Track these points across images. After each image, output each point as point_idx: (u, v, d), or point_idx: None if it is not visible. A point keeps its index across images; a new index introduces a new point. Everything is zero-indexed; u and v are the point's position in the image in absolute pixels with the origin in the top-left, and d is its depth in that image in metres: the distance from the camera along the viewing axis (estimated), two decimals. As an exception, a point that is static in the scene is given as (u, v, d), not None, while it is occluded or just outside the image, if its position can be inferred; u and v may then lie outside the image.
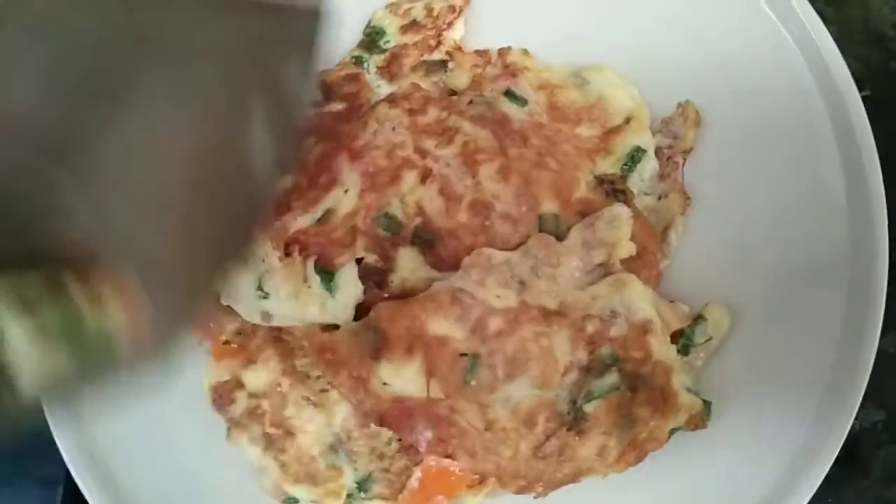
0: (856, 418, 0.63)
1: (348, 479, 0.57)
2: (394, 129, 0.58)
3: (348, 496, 0.57)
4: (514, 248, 0.54)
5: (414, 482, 0.54)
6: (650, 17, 0.62)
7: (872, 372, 0.62)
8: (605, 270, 0.54)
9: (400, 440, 0.56)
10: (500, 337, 0.52)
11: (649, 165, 0.62)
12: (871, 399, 0.63)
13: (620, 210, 0.54)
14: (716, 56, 0.61)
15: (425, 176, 0.56)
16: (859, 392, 0.54)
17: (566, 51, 0.64)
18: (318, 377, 0.59)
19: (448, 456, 0.53)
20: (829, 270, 0.57)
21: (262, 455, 0.58)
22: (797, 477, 0.55)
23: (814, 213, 0.58)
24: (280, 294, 0.57)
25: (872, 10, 0.70)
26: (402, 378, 0.53)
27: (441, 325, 0.53)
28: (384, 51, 0.66)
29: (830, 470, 0.61)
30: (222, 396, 0.60)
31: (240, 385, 0.60)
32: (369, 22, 0.67)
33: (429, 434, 0.53)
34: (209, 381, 0.61)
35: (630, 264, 0.56)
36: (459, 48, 0.65)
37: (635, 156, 0.61)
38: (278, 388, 0.59)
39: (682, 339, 0.56)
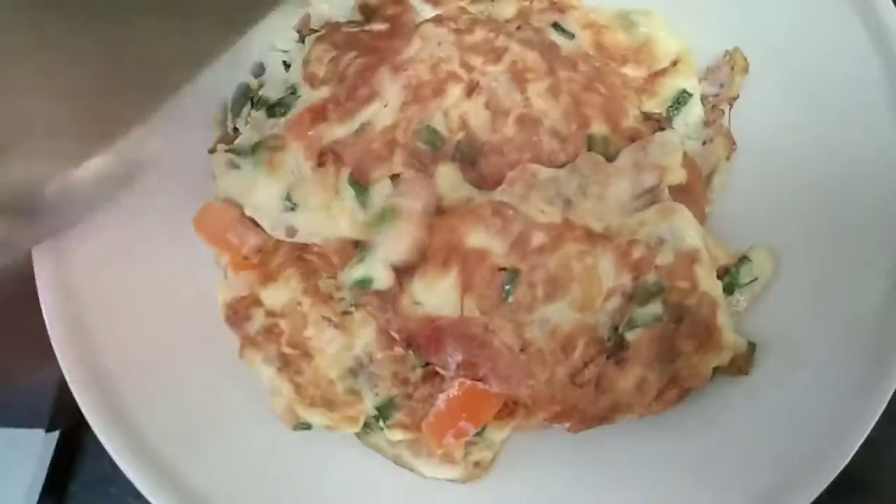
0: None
1: (368, 405, 0.53)
2: (440, 44, 0.56)
3: (365, 425, 0.54)
4: (561, 167, 0.52)
5: (441, 404, 0.50)
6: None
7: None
8: (652, 198, 0.52)
9: (425, 366, 0.53)
10: (541, 253, 0.50)
11: (695, 110, 0.60)
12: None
13: (671, 135, 0.53)
14: (763, 4, 0.60)
15: (471, 89, 0.54)
16: None
17: (614, -6, 0.63)
18: (342, 298, 0.56)
19: (479, 379, 0.50)
20: (874, 221, 0.55)
21: (276, 375, 0.54)
22: (841, 431, 0.51)
23: (860, 161, 0.56)
24: (309, 205, 0.54)
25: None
26: (435, 294, 0.51)
27: (480, 238, 0.50)
28: (429, -21, 0.64)
29: (870, 435, 0.59)
30: (237, 313, 0.56)
31: (257, 302, 0.57)
32: (413, -48, 0.66)
33: (458, 356, 0.50)
34: (223, 298, 0.57)
35: (677, 200, 0.54)
36: (506, -18, 0.64)
37: (681, 98, 0.60)
38: (298, 308, 0.56)
39: (726, 278, 0.54)
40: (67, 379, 0.54)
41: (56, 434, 0.60)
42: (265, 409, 0.55)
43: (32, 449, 0.59)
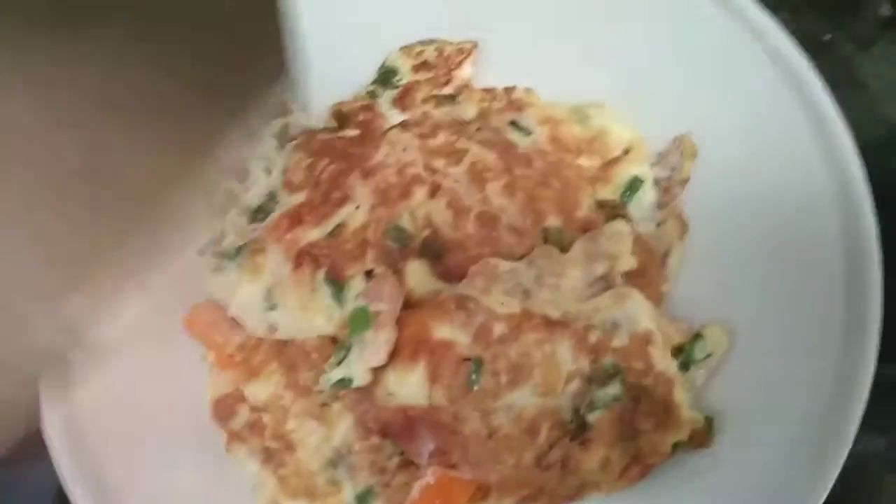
0: (858, 443, 0.63)
1: (347, 494, 0.56)
2: (405, 149, 0.61)
3: (346, 513, 0.56)
4: (519, 259, 0.56)
5: (415, 493, 0.53)
6: (647, 58, 0.66)
7: (876, 400, 0.62)
8: (606, 284, 0.56)
9: (401, 454, 0.56)
10: (503, 342, 0.53)
11: (648, 195, 0.64)
12: (876, 427, 0.63)
13: (622, 225, 0.56)
14: (711, 92, 0.65)
15: (434, 191, 0.58)
16: (858, 410, 0.54)
17: (568, 89, 0.68)
18: (321, 391, 0.59)
19: (451, 466, 0.53)
20: (824, 294, 0.58)
21: (260, 469, 0.57)
22: (802, 496, 0.53)
23: (807, 238, 0.59)
24: (289, 304, 0.58)
25: (853, 64, 0.75)
26: (406, 385, 0.54)
27: (446, 330, 0.54)
28: (397, 87, 0.70)
29: (835, 495, 0.61)
30: (223, 409, 0.59)
31: (241, 398, 0.60)
32: (384, 63, 0.72)
33: (431, 445, 0.53)
34: (211, 394, 0.61)
35: (632, 283, 0.57)
36: (468, 85, 0.69)
37: (634, 184, 0.64)
38: (280, 402, 0.59)
39: (682, 356, 0.57)
40: (66, 481, 0.56)
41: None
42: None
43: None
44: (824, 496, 0.53)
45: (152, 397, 0.61)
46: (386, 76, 0.71)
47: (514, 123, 0.65)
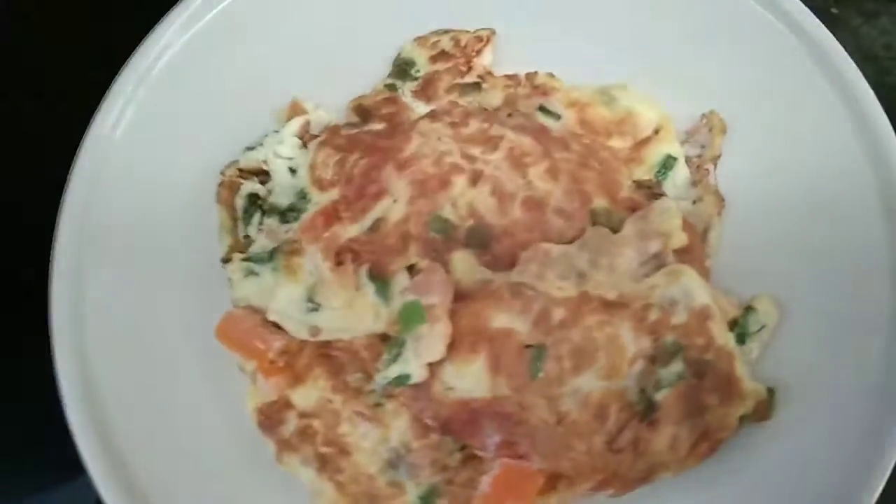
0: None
1: (411, 496, 0.54)
2: (439, 139, 0.59)
3: (410, 516, 0.54)
4: (570, 242, 0.55)
5: (485, 486, 0.51)
6: (668, 35, 0.66)
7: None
8: (658, 262, 0.55)
9: (464, 448, 0.54)
10: (564, 327, 0.52)
11: (681, 172, 0.64)
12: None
13: (670, 202, 0.56)
14: (735, 67, 0.65)
15: (476, 178, 0.57)
16: None
17: (589, 72, 0.67)
18: (372, 391, 0.57)
19: (519, 457, 0.51)
20: (868, 259, 0.58)
21: (316, 477, 0.55)
22: (867, 465, 0.53)
23: (845, 204, 0.60)
24: (333, 304, 0.56)
25: (861, 35, 0.76)
26: (466, 378, 0.52)
27: (504, 319, 0.52)
28: (416, 78, 0.68)
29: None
30: (270, 418, 0.57)
31: (288, 405, 0.57)
32: (399, 54, 0.70)
33: (497, 437, 0.52)
34: (254, 404, 0.58)
35: (680, 261, 0.57)
36: (490, 73, 0.68)
37: (667, 163, 0.64)
38: (330, 405, 0.57)
39: (737, 329, 0.56)
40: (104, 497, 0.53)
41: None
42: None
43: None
44: (891, 465, 0.53)
45: (190, 412, 0.58)
46: (403, 68, 0.69)
47: (542, 108, 0.64)
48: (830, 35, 0.63)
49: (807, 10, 0.64)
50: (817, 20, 0.63)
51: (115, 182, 0.60)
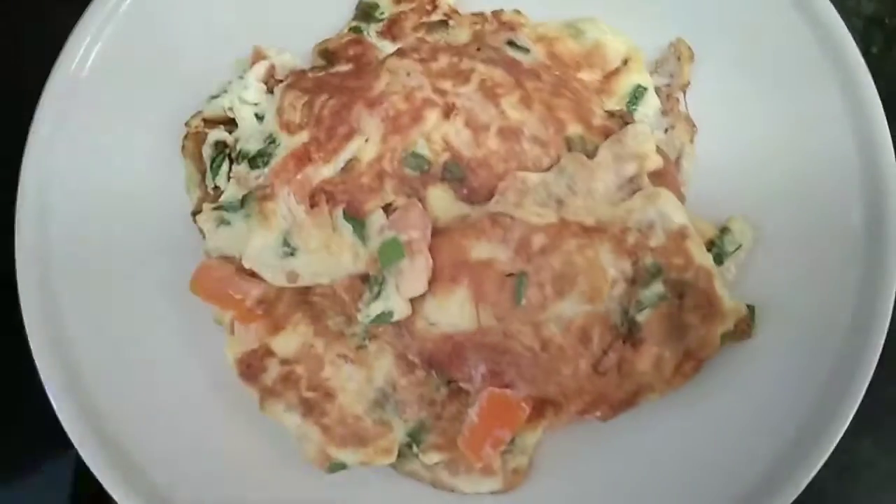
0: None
1: (399, 433, 0.54)
2: (408, 74, 0.58)
3: (399, 454, 0.54)
4: (546, 170, 0.54)
5: (473, 418, 0.51)
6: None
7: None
8: (634, 186, 0.55)
9: (450, 383, 0.54)
10: (544, 254, 0.52)
11: (651, 102, 0.64)
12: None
13: (643, 126, 0.56)
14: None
15: (448, 111, 0.56)
16: (889, 302, 0.55)
17: (556, 7, 0.66)
18: (354, 334, 0.56)
19: (505, 386, 0.51)
20: (840, 185, 0.58)
21: (301, 422, 0.54)
22: (845, 377, 0.54)
23: (814, 128, 0.60)
24: (309, 247, 0.55)
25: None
26: (449, 311, 0.52)
27: (484, 249, 0.52)
28: (380, 20, 0.67)
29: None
30: (251, 367, 0.56)
31: (269, 353, 0.56)
32: (361, -3, 0.68)
33: (482, 368, 0.52)
34: (233, 354, 0.57)
35: (656, 185, 0.57)
36: (455, 11, 0.67)
37: (637, 93, 0.63)
38: (312, 350, 0.56)
39: (714, 250, 0.57)
40: (87, 462, 0.52)
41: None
42: (292, 456, 0.55)
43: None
44: (863, 390, 0.53)
45: (169, 366, 0.57)
46: (367, 10, 0.67)
47: (511, 43, 0.63)
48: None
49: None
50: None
51: (80, 126, 0.58)
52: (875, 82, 0.59)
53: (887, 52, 0.74)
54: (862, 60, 0.60)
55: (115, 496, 0.52)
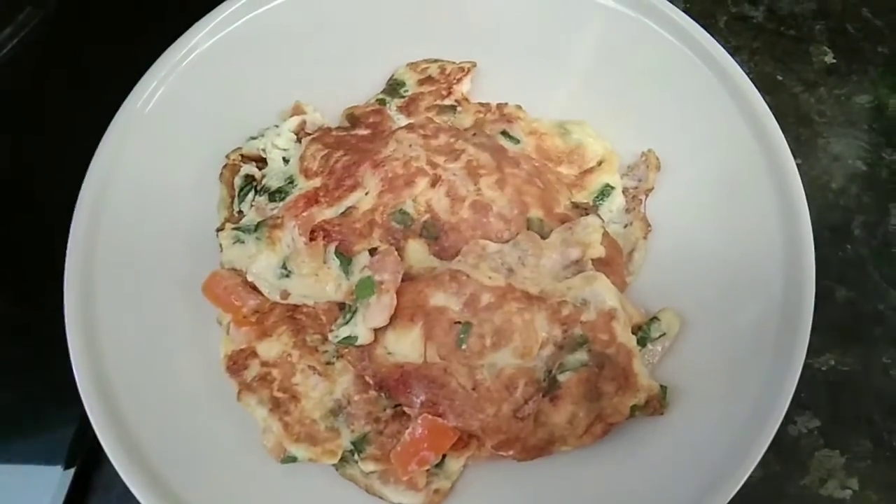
0: (794, 424, 0.72)
1: (345, 440, 0.63)
2: (410, 146, 0.70)
3: (342, 458, 0.63)
4: (505, 242, 0.65)
5: (407, 437, 0.60)
6: (622, 84, 0.77)
7: (810, 386, 0.72)
8: (578, 268, 0.65)
9: (395, 407, 0.63)
10: (489, 310, 0.61)
11: (617, 200, 0.74)
12: (809, 409, 0.72)
13: (594, 219, 0.66)
14: (676, 117, 0.75)
15: (435, 181, 0.67)
16: (788, 394, 0.62)
17: (553, 108, 0.78)
18: (326, 351, 0.67)
19: (438, 415, 0.60)
20: (765, 290, 0.67)
21: (268, 415, 0.64)
22: (740, 458, 0.61)
23: (752, 240, 0.69)
24: (302, 272, 0.66)
25: (800, 101, 0.87)
26: (403, 344, 0.62)
27: (440, 298, 0.62)
28: (403, 96, 0.79)
29: (773, 468, 0.70)
30: (236, 363, 0.67)
31: (253, 354, 0.67)
32: (393, 76, 0.82)
33: (422, 396, 0.61)
34: (225, 350, 0.68)
35: (600, 271, 0.66)
36: (466, 99, 0.79)
37: (605, 191, 0.74)
38: (289, 359, 0.66)
39: (640, 333, 0.65)
40: (91, 419, 0.63)
41: (72, 471, 0.68)
42: (258, 445, 0.65)
43: (50, 484, 0.67)
44: (756, 462, 0.61)
45: (172, 350, 0.68)
46: (394, 87, 0.80)
47: (504, 133, 0.75)
48: (762, 100, 0.72)
49: (747, 79, 0.73)
50: (754, 90, 0.73)
51: (138, 150, 0.72)
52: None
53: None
54: (797, 173, 0.68)
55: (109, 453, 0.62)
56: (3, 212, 0.74)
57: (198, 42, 0.77)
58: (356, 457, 0.63)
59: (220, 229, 0.72)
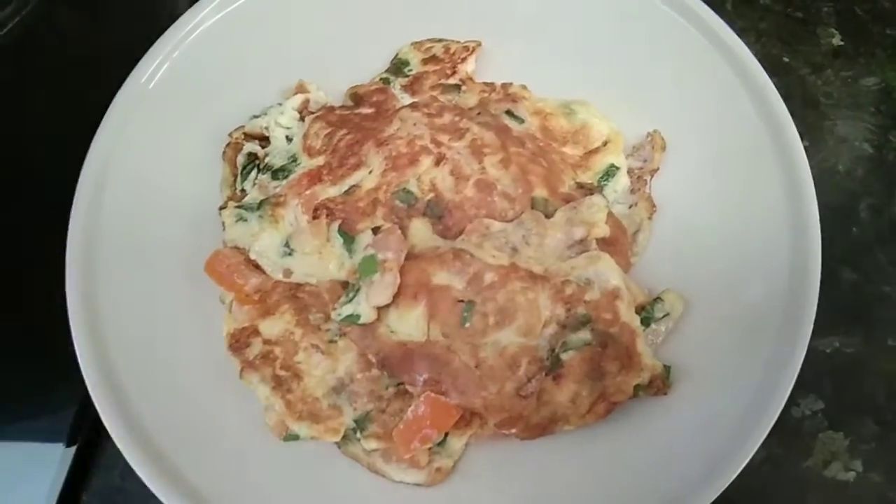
0: (798, 406, 0.72)
1: (347, 418, 0.63)
2: (414, 124, 0.70)
3: (344, 436, 0.63)
4: (509, 222, 0.64)
5: (409, 415, 0.60)
6: (628, 64, 0.76)
7: (814, 367, 0.71)
8: (582, 248, 0.65)
9: (397, 385, 0.63)
10: (492, 289, 0.61)
11: (622, 181, 0.73)
12: (813, 391, 0.72)
13: (599, 198, 0.65)
14: (682, 97, 0.75)
15: (439, 160, 0.67)
16: (791, 377, 0.61)
17: (557, 87, 0.77)
18: (328, 329, 0.66)
19: (441, 393, 0.60)
20: (770, 271, 0.67)
21: (270, 394, 0.64)
22: (738, 443, 0.61)
23: (757, 222, 0.69)
24: (304, 250, 0.66)
25: (807, 83, 0.86)
26: (406, 323, 0.62)
27: (444, 277, 0.62)
28: (407, 76, 0.79)
29: (777, 450, 0.69)
30: (238, 341, 0.67)
31: (255, 332, 0.67)
32: (397, 54, 0.81)
33: (425, 375, 0.61)
34: (227, 329, 0.68)
35: (604, 251, 0.66)
36: (471, 78, 0.79)
37: (610, 171, 0.73)
38: (291, 337, 0.66)
39: (643, 313, 0.65)
40: (93, 398, 0.63)
41: (74, 449, 0.68)
42: (259, 423, 0.65)
43: (52, 462, 0.67)
44: (759, 443, 0.60)
45: (174, 327, 0.68)
46: (398, 66, 0.80)
47: (509, 112, 0.74)
48: (769, 80, 0.72)
49: (754, 60, 0.73)
50: (762, 71, 0.72)
51: (141, 126, 0.71)
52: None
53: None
54: (804, 154, 0.68)
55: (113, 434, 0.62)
56: (3, 187, 0.73)
57: (202, 18, 0.76)
58: (358, 435, 0.63)
59: (222, 207, 0.72)
